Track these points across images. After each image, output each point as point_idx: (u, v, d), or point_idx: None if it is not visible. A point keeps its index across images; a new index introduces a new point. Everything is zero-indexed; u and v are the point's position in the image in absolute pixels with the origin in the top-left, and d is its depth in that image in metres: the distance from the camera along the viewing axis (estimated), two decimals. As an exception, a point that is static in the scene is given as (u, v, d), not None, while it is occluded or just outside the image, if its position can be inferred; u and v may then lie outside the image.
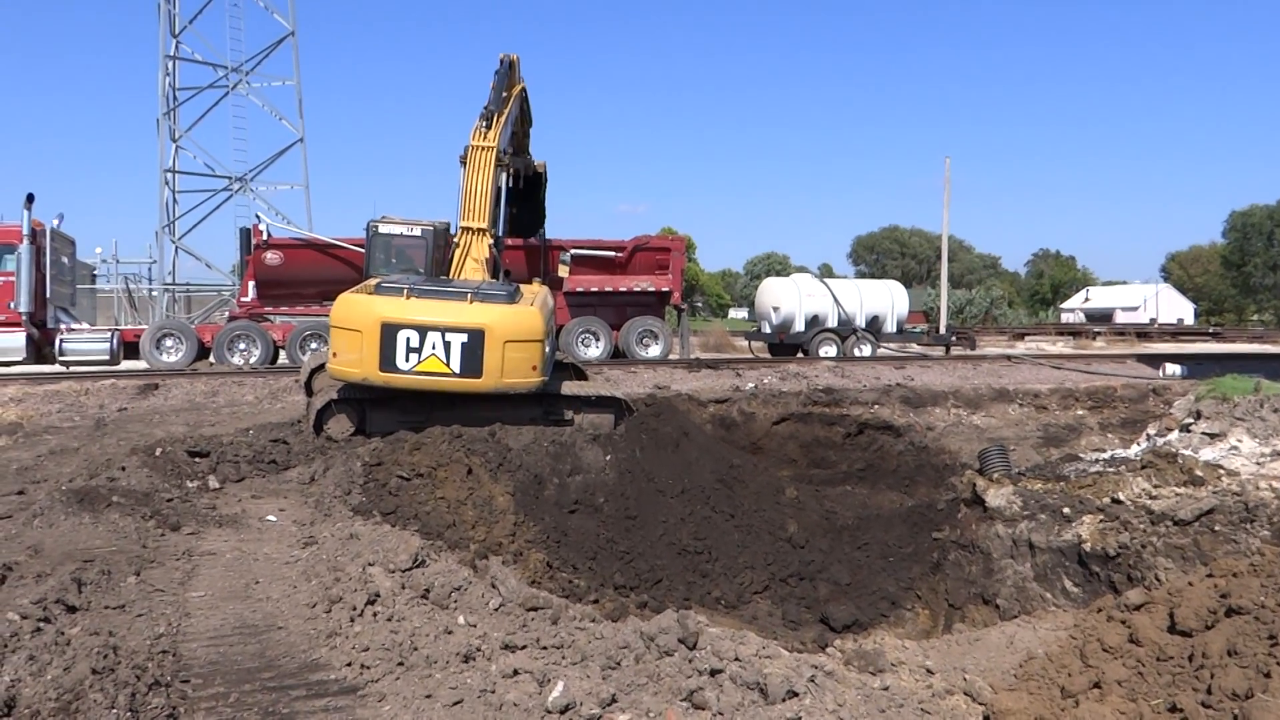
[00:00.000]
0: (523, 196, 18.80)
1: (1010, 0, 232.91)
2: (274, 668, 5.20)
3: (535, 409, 12.84)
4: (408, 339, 11.43)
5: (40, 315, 21.52)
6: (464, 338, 11.41)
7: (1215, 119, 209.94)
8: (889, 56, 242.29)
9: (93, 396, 16.25)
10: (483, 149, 14.08)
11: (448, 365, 11.47)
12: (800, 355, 26.36)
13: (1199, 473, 9.69)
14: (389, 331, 11.44)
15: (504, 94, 15.49)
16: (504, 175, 14.82)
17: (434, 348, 11.42)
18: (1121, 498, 9.78)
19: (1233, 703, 4.62)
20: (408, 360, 11.46)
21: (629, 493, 12.12)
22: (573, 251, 23.45)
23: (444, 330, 11.42)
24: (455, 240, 14.27)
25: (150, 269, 37.54)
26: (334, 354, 11.98)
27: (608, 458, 12.49)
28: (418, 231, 14.18)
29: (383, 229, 14.63)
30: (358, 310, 11.80)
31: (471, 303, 11.67)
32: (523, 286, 13.38)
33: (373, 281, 12.87)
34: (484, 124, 14.33)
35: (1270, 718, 4.19)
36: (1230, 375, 14.03)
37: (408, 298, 11.67)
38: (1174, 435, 11.57)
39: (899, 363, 23.02)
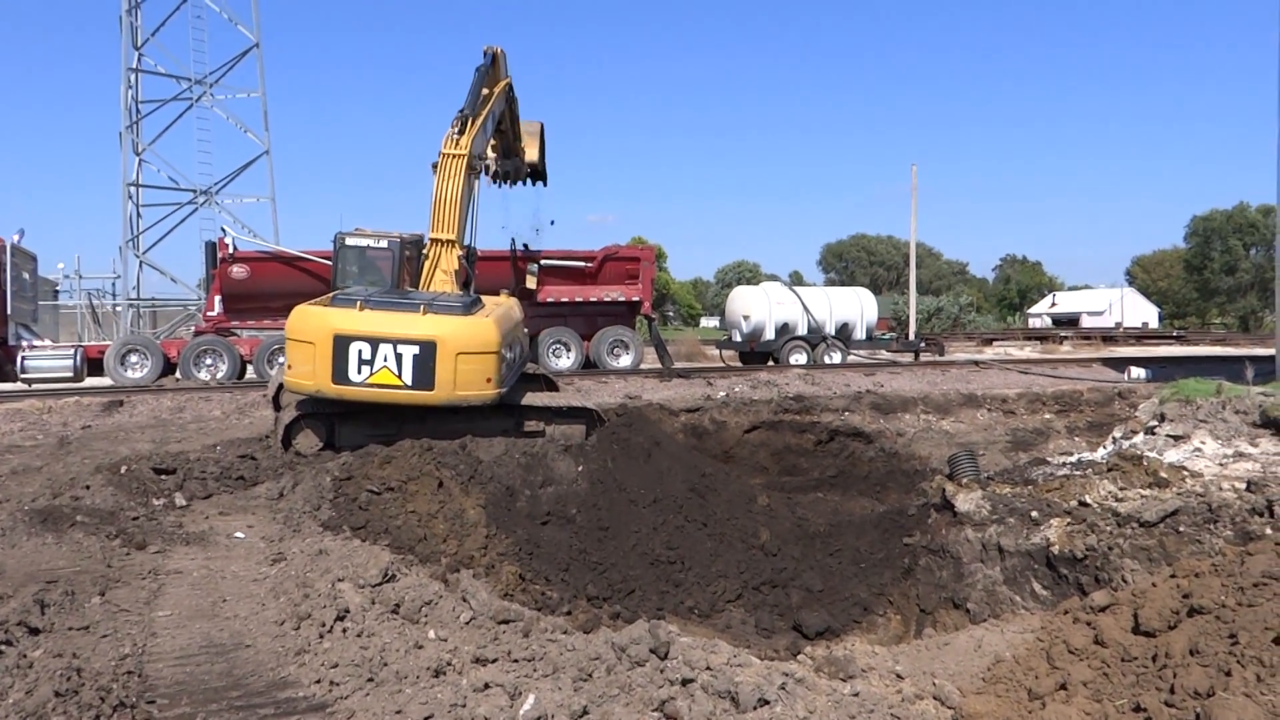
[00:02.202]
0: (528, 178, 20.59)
1: (975, 9, 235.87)
2: (241, 686, 5.15)
3: (507, 420, 12.82)
4: (359, 351, 11.32)
5: (1, 332, 21.21)
6: (415, 349, 11.31)
7: (1177, 124, 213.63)
8: (856, 65, 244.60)
9: (56, 414, 16.03)
10: (454, 157, 13.99)
11: (399, 377, 11.37)
12: (771, 363, 26.47)
13: (1163, 474, 9.82)
14: (341, 343, 11.34)
15: (483, 93, 15.43)
16: (477, 182, 14.73)
17: (386, 360, 11.32)
18: (1088, 500, 9.90)
19: (1195, 701, 4.69)
20: (360, 372, 11.36)
21: (601, 503, 12.11)
22: (543, 262, 23.49)
23: (395, 342, 11.32)
24: (425, 252, 14.18)
25: (114, 284, 37.09)
26: (289, 366, 11.95)
27: (580, 468, 12.47)
28: (384, 243, 14.09)
29: (349, 241, 14.55)
30: (311, 322, 11.74)
31: (424, 314, 11.58)
32: (487, 298, 13.32)
33: (331, 294, 12.83)
34: (457, 129, 14.22)
35: (1231, 716, 4.25)
36: (1193, 378, 14.25)
37: (360, 309, 11.60)
38: (1139, 438, 11.73)
39: (869, 369, 23.16)
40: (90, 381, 21.82)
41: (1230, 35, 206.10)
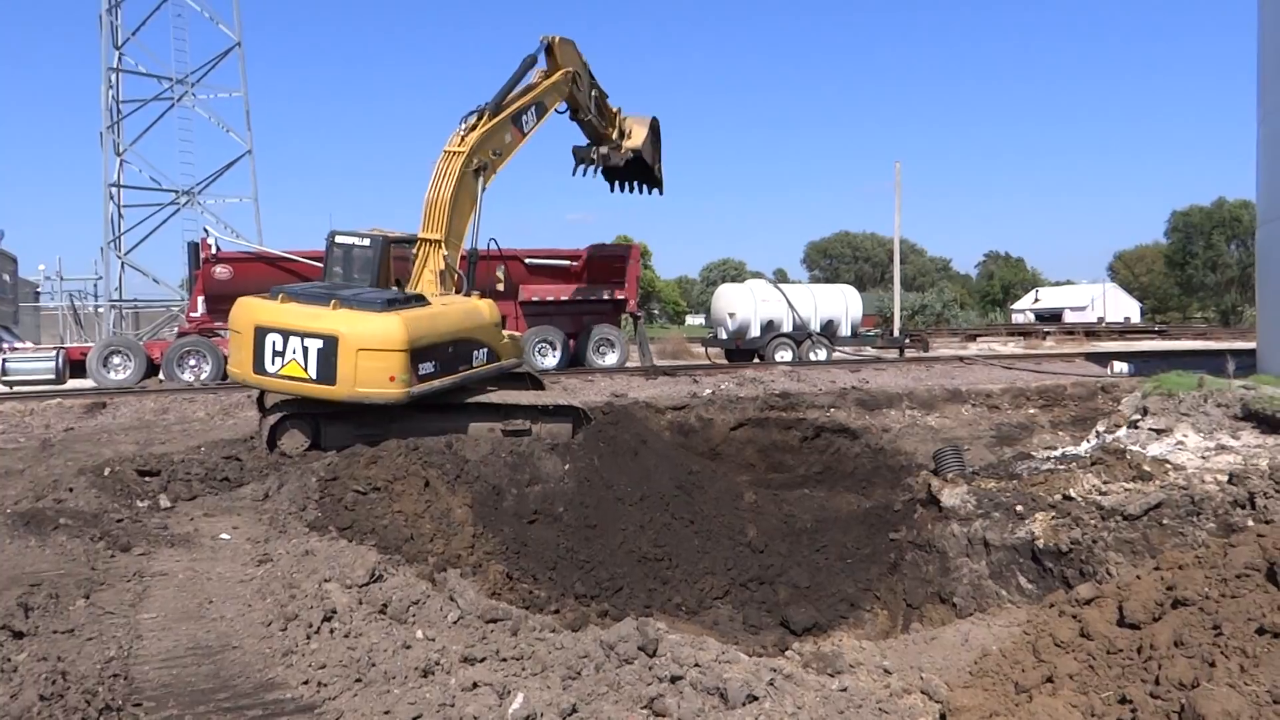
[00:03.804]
0: (630, 172, 20.80)
1: (957, 7, 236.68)
2: (229, 688, 5.13)
3: (494, 418, 12.84)
4: (274, 342, 11.64)
5: (-18, 334, 21.04)
6: (320, 343, 11.48)
7: (1157, 120, 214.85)
8: (839, 62, 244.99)
9: (38, 416, 15.90)
10: (452, 154, 13.81)
11: (305, 370, 11.56)
12: (756, 360, 26.50)
13: (1147, 468, 9.90)
14: (260, 334, 11.71)
15: (533, 84, 15.25)
16: (481, 181, 14.39)
17: (294, 352, 11.55)
18: (1073, 494, 9.97)
19: (1180, 692, 4.73)
20: (273, 363, 11.66)
21: (588, 501, 12.12)
22: (529, 261, 23.46)
23: (303, 335, 11.55)
24: (414, 251, 14.08)
25: (96, 285, 36.77)
26: (229, 354, 12.55)
27: (566, 467, 12.48)
28: (367, 241, 14.00)
29: (338, 239, 14.42)
30: (241, 313, 12.14)
31: (334, 309, 11.68)
32: (438, 296, 13.26)
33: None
34: (468, 126, 14.05)
35: (1215, 706, 4.29)
36: (1175, 372, 14.37)
37: (281, 302, 11.89)
38: (1122, 432, 11.81)
39: (854, 366, 23.22)
40: (72, 383, 21.64)
41: (1210, 30, 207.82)
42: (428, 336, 11.89)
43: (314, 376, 11.53)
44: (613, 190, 21.57)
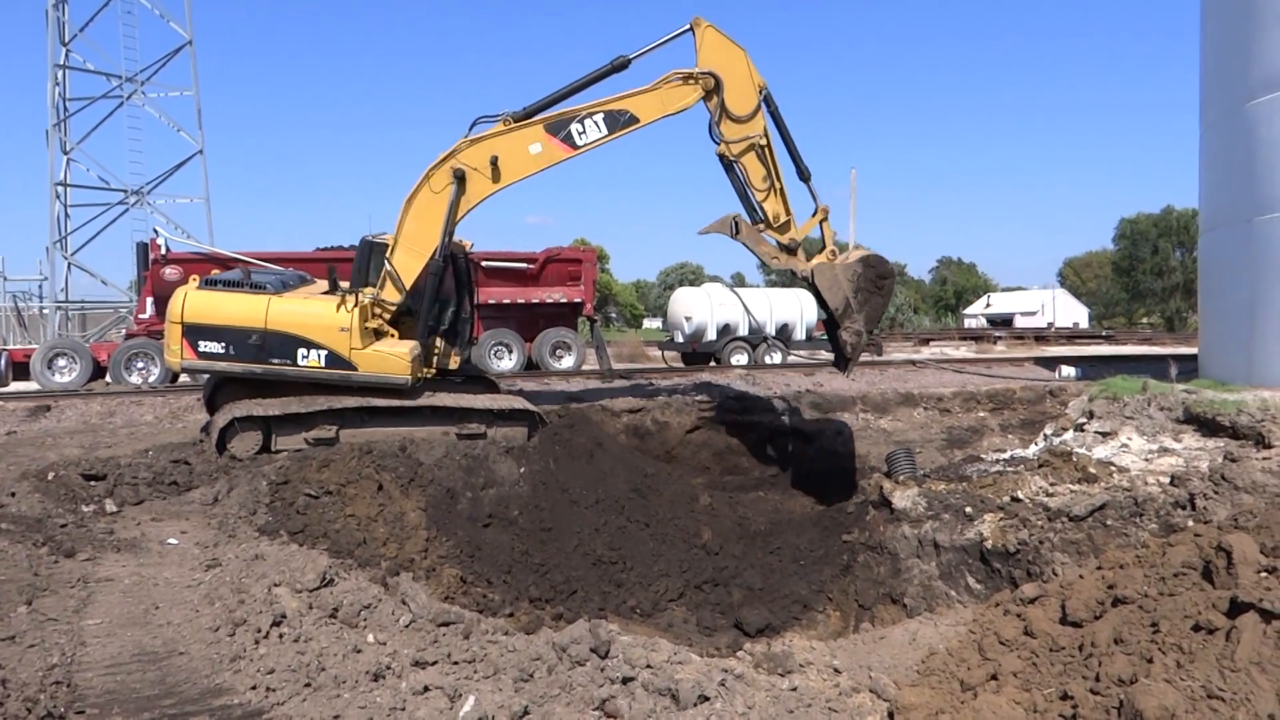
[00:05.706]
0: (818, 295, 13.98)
1: (910, 13, 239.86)
2: (175, 694, 5.06)
3: (449, 422, 12.77)
4: None
5: (-79, 336, 20.54)
6: None
7: (1107, 130, 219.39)
8: (793, 66, 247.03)
9: (-21, 420, 15.54)
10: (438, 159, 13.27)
11: None
12: (713, 364, 26.64)
13: (1092, 470, 10.11)
14: None
15: (580, 92, 13.20)
16: (458, 187, 12.74)
17: None
18: (1020, 496, 10.15)
19: (1119, 688, 4.85)
20: None
21: (543, 505, 12.10)
22: (485, 263, 23.39)
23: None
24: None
25: (41, 286, 35.94)
26: None
27: (521, 470, 12.45)
28: (358, 243, 14.10)
29: (360, 241, 14.47)
30: None
31: (188, 283, 13.04)
32: (296, 286, 13.67)
33: None
34: (472, 130, 12.92)
35: (1152, 701, 4.40)
36: (1121, 376, 14.69)
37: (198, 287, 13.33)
38: (1069, 434, 12.05)
39: (808, 369, 23.40)
40: (15, 386, 21.22)
41: (1161, 40, 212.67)
42: (210, 318, 12.41)
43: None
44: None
